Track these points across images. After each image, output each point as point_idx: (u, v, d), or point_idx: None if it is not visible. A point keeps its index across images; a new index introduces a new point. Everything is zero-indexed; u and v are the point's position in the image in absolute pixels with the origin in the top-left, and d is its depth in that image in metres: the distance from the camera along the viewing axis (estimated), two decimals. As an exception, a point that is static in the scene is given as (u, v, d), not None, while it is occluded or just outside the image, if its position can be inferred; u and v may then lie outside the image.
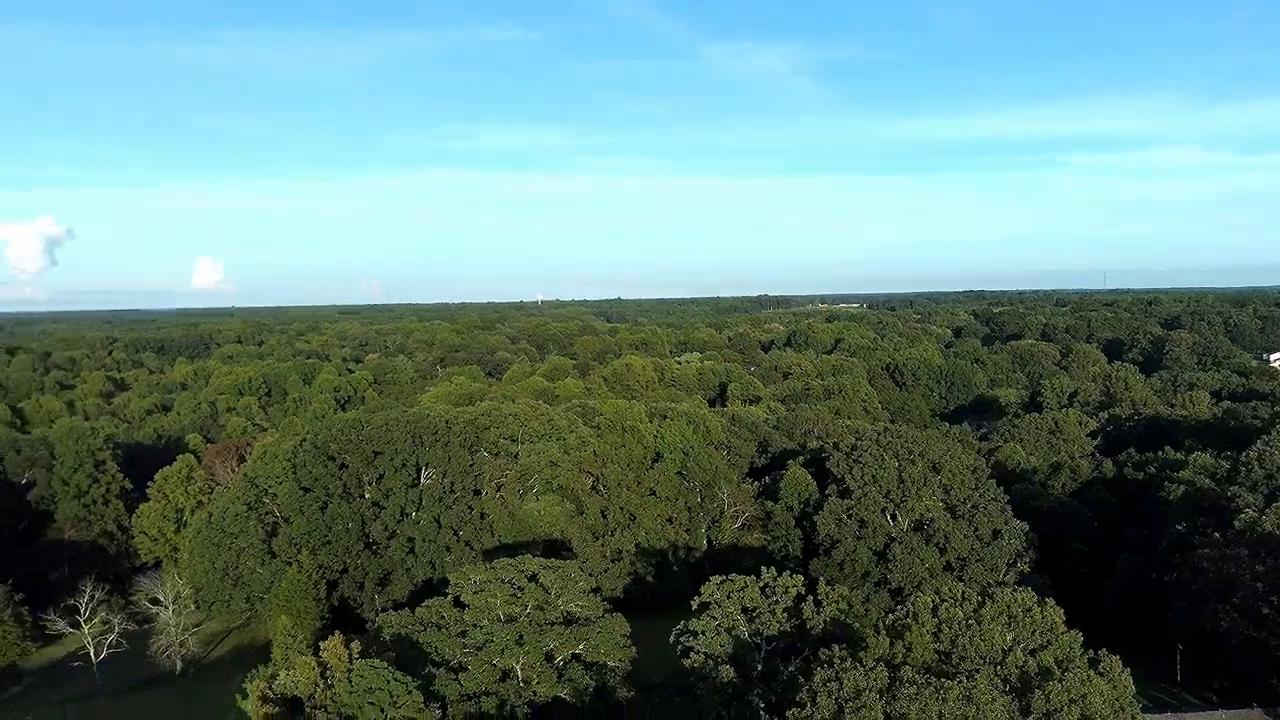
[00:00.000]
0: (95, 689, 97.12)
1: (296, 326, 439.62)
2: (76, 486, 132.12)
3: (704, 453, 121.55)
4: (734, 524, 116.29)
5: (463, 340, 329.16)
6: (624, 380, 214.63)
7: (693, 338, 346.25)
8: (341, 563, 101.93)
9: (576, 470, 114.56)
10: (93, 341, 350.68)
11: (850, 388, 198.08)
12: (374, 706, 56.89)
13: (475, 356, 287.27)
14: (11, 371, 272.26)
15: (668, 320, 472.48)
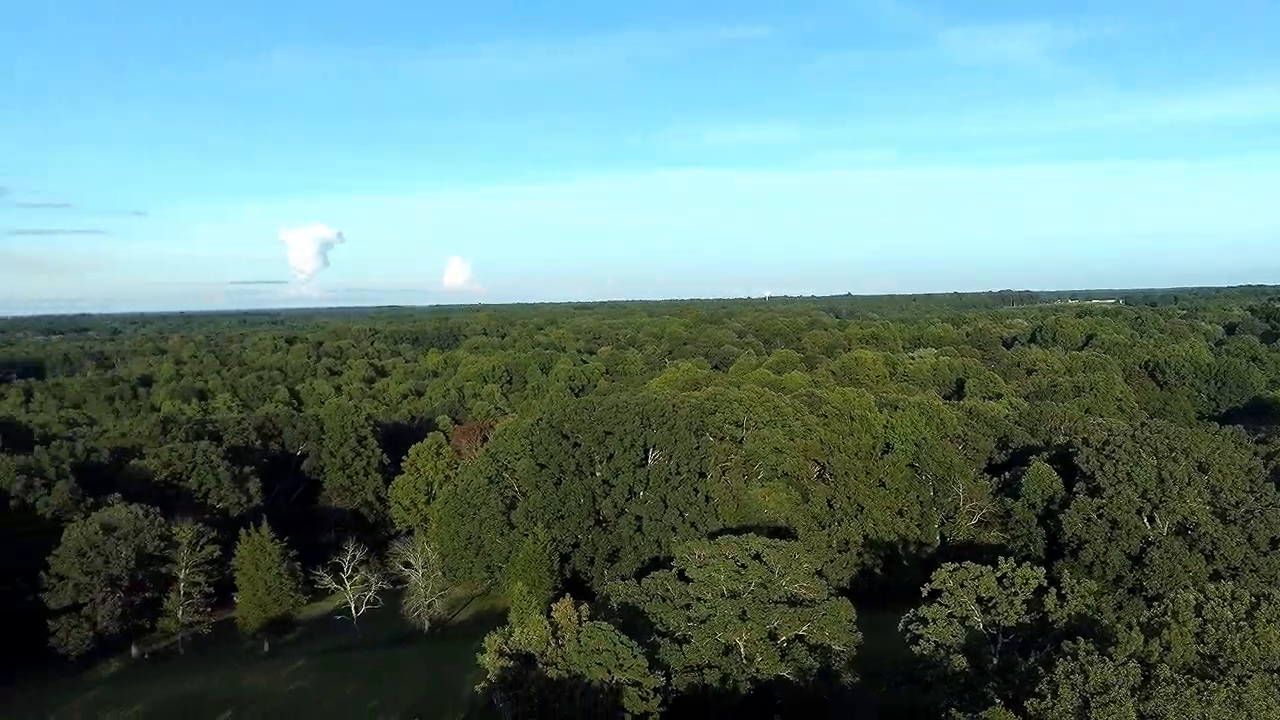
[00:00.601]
0: (355, 641, 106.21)
1: (536, 321, 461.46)
2: (342, 459, 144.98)
3: (938, 445, 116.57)
4: (969, 520, 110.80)
5: (690, 334, 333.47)
6: (853, 374, 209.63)
7: (927, 333, 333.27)
8: (574, 537, 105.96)
9: (802, 458, 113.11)
10: (357, 333, 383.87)
11: (1103, 385, 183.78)
12: (601, 666, 58.63)
13: (702, 349, 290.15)
14: (290, 359, 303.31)
15: (901, 317, 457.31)
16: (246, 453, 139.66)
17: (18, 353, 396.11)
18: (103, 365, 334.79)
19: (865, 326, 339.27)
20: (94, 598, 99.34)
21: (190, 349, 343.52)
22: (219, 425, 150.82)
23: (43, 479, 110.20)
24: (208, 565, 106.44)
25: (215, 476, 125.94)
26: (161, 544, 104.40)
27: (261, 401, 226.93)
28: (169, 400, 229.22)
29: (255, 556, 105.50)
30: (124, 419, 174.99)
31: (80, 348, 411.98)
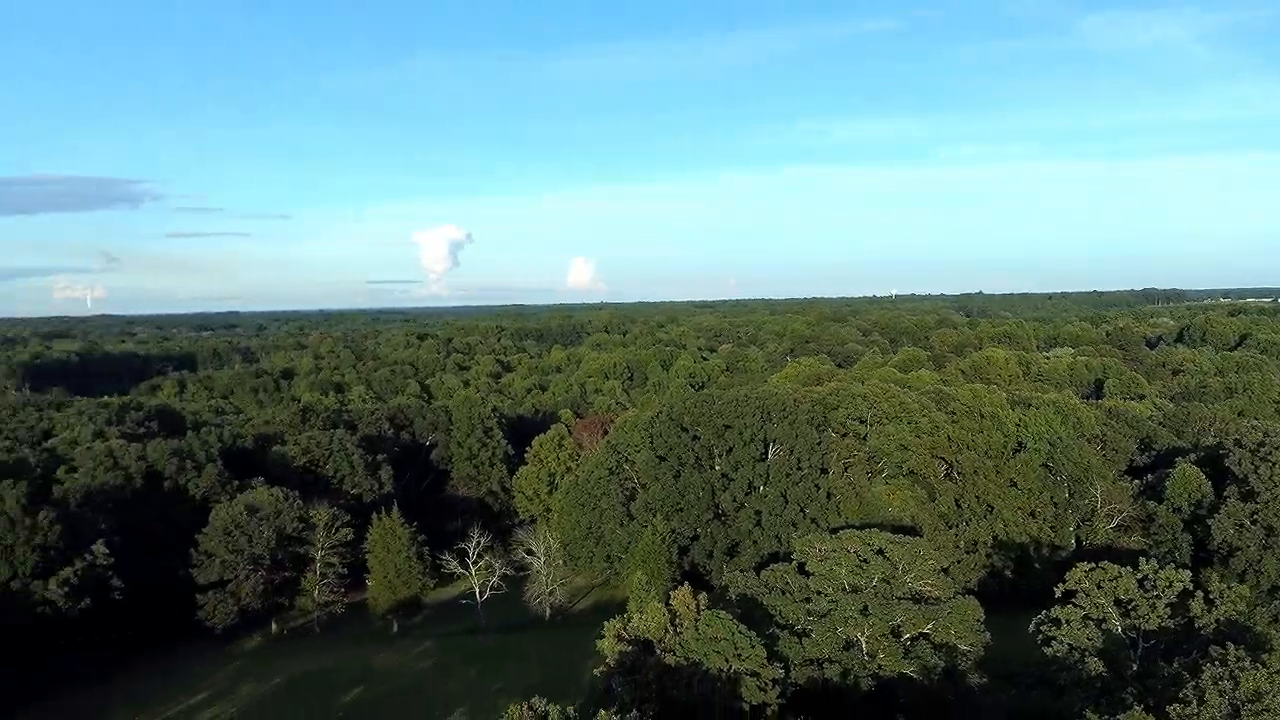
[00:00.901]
0: (478, 626, 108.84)
1: (657, 319, 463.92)
2: (469, 449, 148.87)
3: (1074, 445, 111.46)
4: (1108, 524, 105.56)
5: (813, 332, 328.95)
6: (983, 373, 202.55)
7: (1063, 332, 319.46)
8: (693, 529, 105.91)
9: (929, 455, 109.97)
10: (485, 330, 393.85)
11: (1258, 386, 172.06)
12: (719, 655, 58.36)
13: (825, 347, 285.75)
14: (421, 354, 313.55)
15: (1035, 316, 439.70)
16: (379, 441, 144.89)
17: (173, 347, 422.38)
18: (249, 359, 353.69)
19: (997, 325, 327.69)
20: (238, 575, 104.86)
21: (329, 344, 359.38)
22: (354, 415, 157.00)
23: (193, 462, 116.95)
24: (342, 547, 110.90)
25: (350, 463, 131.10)
26: (300, 525, 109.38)
27: (394, 394, 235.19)
28: (308, 392, 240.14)
29: (386, 540, 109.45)
30: (267, 408, 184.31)
31: (228, 343, 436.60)
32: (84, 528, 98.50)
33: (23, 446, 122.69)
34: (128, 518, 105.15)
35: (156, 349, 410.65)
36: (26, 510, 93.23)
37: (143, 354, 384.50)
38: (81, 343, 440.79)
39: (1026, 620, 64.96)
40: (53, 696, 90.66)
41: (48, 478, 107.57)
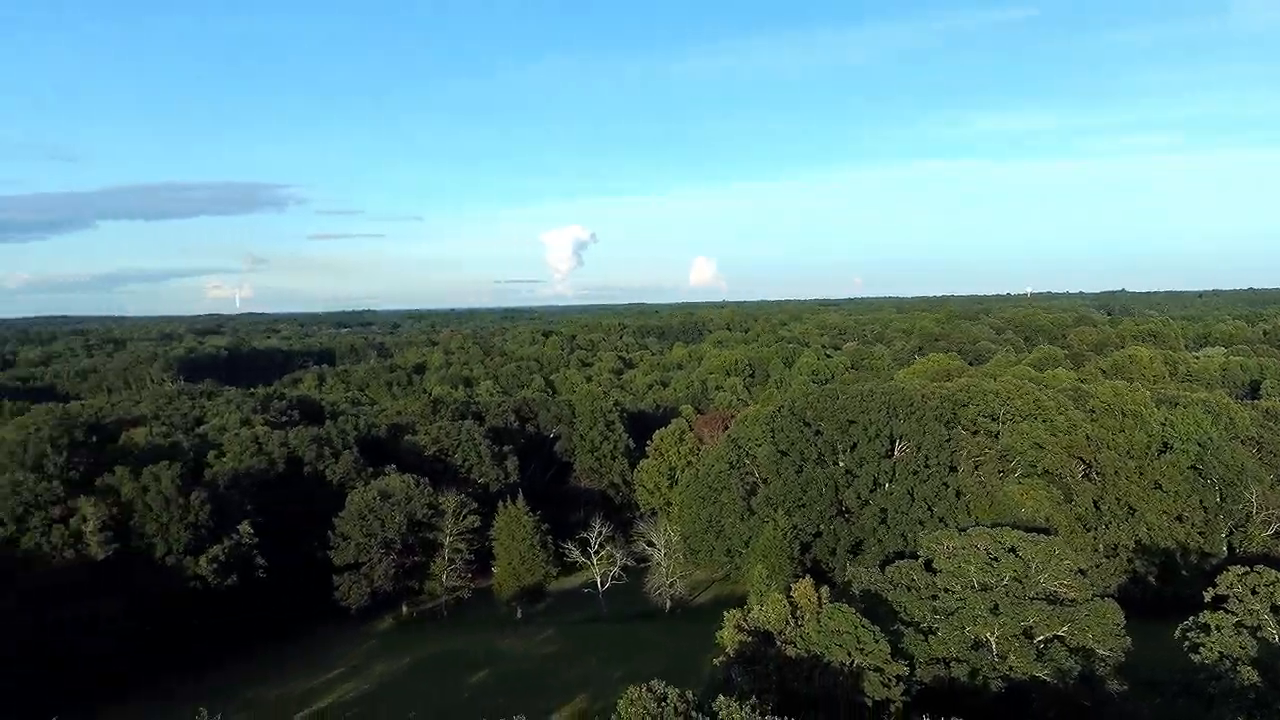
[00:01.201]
0: (599, 614, 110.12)
1: (780, 317, 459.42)
2: (591, 442, 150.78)
3: (1226, 447, 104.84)
4: (1264, 530, 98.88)
5: (943, 329, 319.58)
6: (1125, 372, 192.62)
7: (1215, 331, 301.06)
8: (815, 526, 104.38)
9: (1065, 454, 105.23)
10: (607, 328, 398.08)
11: None
12: (840, 648, 57.28)
13: (955, 345, 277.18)
14: (546, 350, 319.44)
15: (1184, 314, 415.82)
16: (505, 433, 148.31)
17: (313, 343, 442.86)
18: (383, 355, 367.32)
19: (1141, 323, 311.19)
20: (371, 557, 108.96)
21: (458, 341, 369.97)
22: (481, 407, 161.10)
23: (331, 449, 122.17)
24: (469, 534, 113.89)
25: (477, 453, 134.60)
26: (429, 512, 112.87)
27: (519, 388, 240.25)
28: (439, 386, 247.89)
29: (511, 528, 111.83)
30: (400, 400, 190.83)
31: (364, 339, 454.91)
32: (231, 509, 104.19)
33: (177, 432, 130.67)
34: (270, 500, 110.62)
35: (298, 345, 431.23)
36: (180, 490, 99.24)
37: (286, 349, 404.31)
38: (230, 339, 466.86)
39: (1171, 628, 61.53)
40: (201, 668, 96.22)
41: (199, 461, 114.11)
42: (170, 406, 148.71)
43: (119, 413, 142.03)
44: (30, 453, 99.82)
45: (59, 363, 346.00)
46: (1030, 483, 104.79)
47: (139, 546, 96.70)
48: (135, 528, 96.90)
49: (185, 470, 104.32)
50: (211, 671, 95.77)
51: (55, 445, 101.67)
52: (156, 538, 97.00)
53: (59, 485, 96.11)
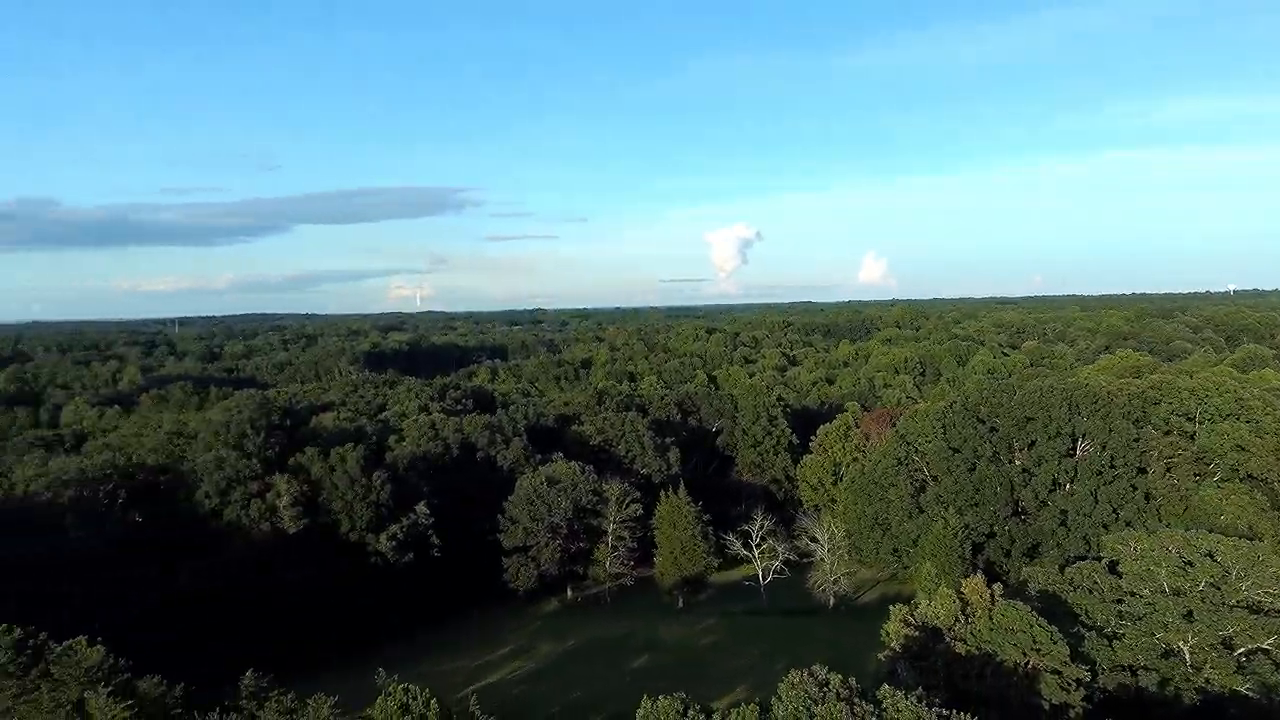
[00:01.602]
0: (761, 607, 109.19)
1: (953, 314, 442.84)
2: (754, 437, 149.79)
3: None
4: None
5: (1132, 328, 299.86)
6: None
7: None
8: (988, 526, 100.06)
9: (1273, 457, 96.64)
10: (771, 325, 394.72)
11: None
12: (1015, 647, 54.57)
13: (1146, 345, 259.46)
14: (709, 347, 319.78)
15: None
16: (668, 425, 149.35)
17: (487, 339, 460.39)
18: (552, 350, 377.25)
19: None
20: (538, 541, 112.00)
21: (623, 337, 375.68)
22: (645, 400, 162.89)
23: (502, 436, 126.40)
24: (631, 522, 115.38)
25: (640, 444, 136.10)
26: (594, 499, 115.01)
27: (683, 384, 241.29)
28: (604, 380, 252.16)
29: (672, 517, 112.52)
30: (566, 393, 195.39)
31: (535, 336, 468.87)
32: (409, 490, 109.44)
33: (361, 417, 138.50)
34: (445, 483, 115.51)
35: (473, 341, 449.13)
36: (363, 471, 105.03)
37: (462, 345, 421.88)
38: (411, 335, 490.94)
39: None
40: (379, 641, 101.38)
41: (381, 445, 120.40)
42: (355, 394, 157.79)
43: (310, 399, 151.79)
44: (233, 432, 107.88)
45: (259, 356, 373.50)
46: (1231, 487, 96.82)
47: (326, 522, 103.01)
48: (323, 504, 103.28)
49: (368, 452, 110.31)
50: (388, 644, 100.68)
51: (254, 426, 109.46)
52: (342, 514, 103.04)
53: (257, 463, 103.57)
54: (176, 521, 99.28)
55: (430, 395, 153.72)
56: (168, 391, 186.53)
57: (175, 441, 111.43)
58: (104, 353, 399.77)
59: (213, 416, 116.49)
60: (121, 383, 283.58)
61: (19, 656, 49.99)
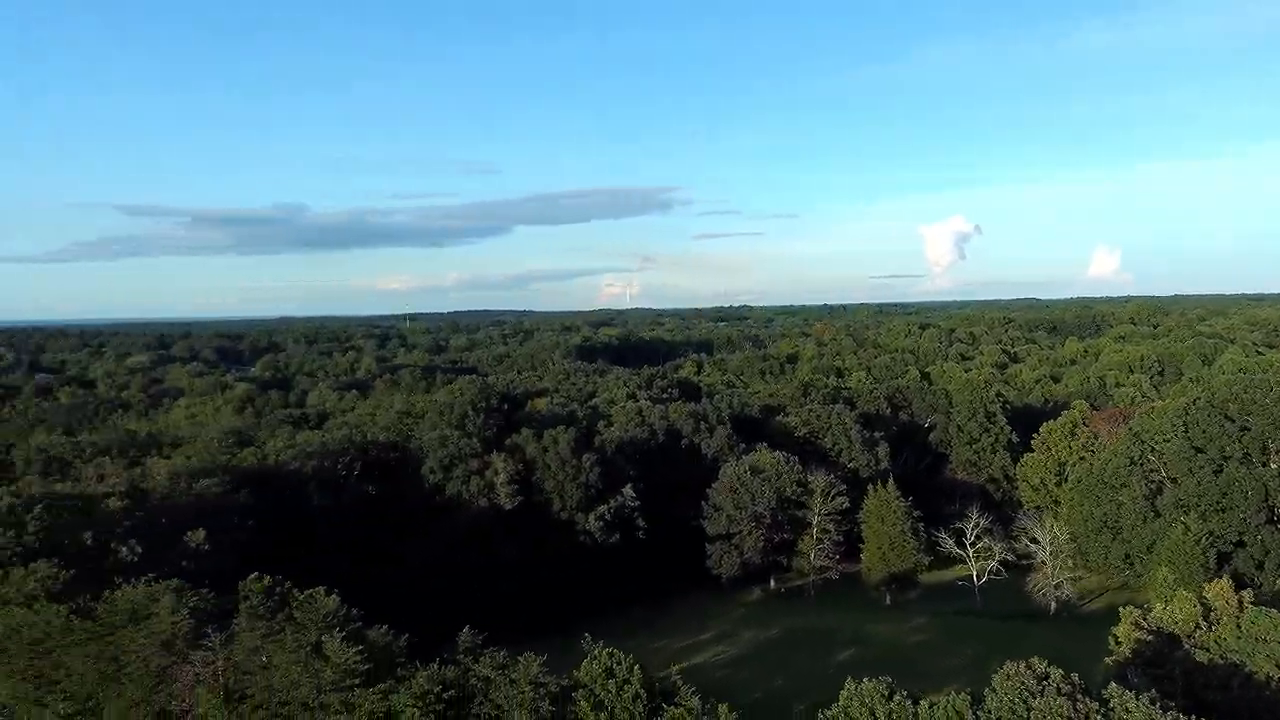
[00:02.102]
0: (974, 608, 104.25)
1: (1197, 311, 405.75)
2: (969, 434, 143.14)
3: None
4: None
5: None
6: None
7: None
8: (1237, 534, 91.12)
9: None
10: (991, 321, 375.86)
11: None
12: (1268, 659, 49.23)
13: None
14: (922, 343, 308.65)
15: None
16: (877, 419, 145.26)
17: (693, 334, 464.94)
18: (757, 346, 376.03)
19: None
20: (741, 529, 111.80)
21: (831, 333, 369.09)
22: (853, 393, 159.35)
23: (707, 424, 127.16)
24: (837, 515, 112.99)
25: (847, 437, 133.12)
26: (798, 489, 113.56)
27: (893, 380, 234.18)
28: (811, 375, 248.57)
29: (881, 511, 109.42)
30: (771, 386, 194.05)
31: (740, 332, 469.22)
32: (616, 472, 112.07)
33: (572, 403, 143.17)
34: (650, 468, 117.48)
35: (680, 336, 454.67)
36: (574, 452, 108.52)
37: (669, 340, 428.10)
38: (620, 330, 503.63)
39: None
40: (585, 618, 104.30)
41: (590, 429, 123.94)
42: (568, 382, 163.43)
43: (525, 386, 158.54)
44: (455, 413, 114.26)
45: (480, 349, 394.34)
46: None
47: (539, 500, 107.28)
48: (536, 483, 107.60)
49: (578, 435, 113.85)
50: (593, 621, 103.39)
51: (475, 408, 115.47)
52: (553, 493, 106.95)
53: (477, 442, 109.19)
54: (404, 494, 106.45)
55: (638, 384, 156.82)
56: (399, 377, 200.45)
57: (404, 421, 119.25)
58: (344, 344, 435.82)
59: (438, 398, 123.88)
60: (359, 371, 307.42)
61: (268, 601, 55.08)
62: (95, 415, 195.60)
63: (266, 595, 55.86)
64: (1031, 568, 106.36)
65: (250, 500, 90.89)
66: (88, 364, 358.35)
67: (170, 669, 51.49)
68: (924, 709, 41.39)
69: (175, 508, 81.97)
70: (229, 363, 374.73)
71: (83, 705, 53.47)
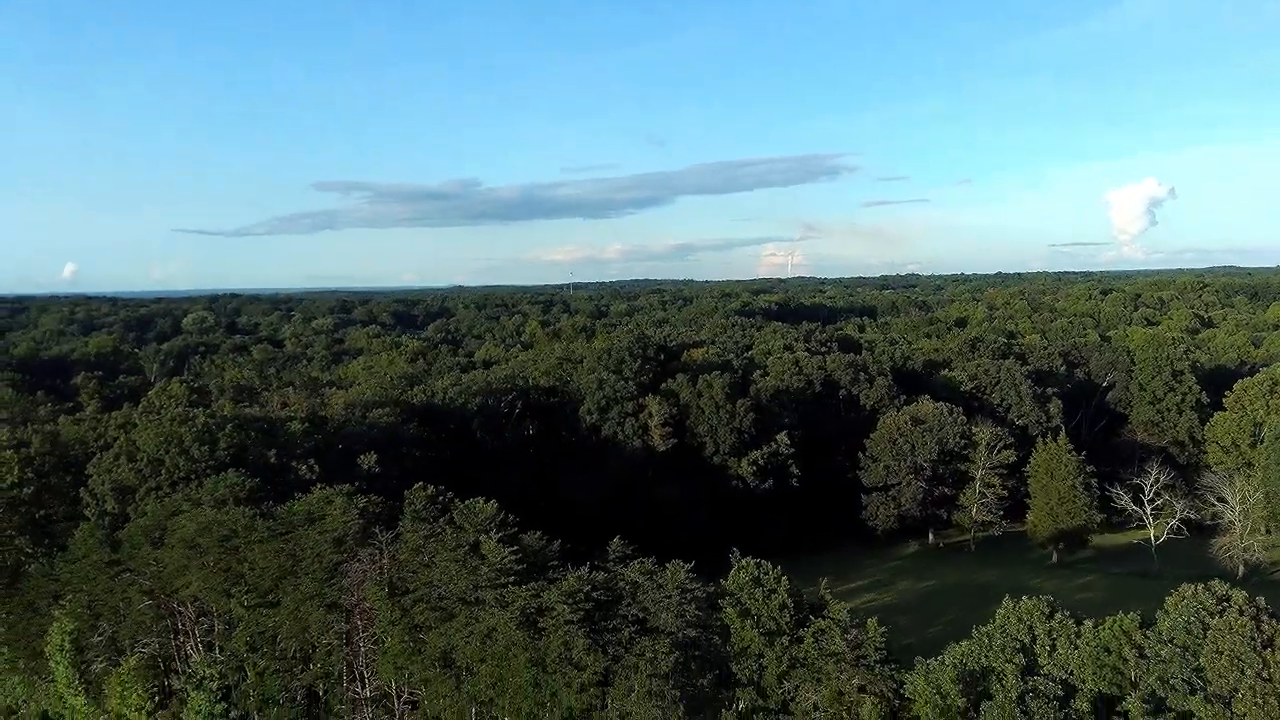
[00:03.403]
0: (1151, 570, 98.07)
1: None
2: (1152, 393, 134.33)
3: None
4: None
5: None
6: None
7: None
8: None
9: None
10: (1182, 285, 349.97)
11: None
12: None
13: None
14: (1104, 307, 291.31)
15: None
16: (1049, 377, 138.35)
17: (856, 300, 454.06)
18: (923, 310, 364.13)
19: None
20: (899, 481, 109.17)
21: (1004, 298, 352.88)
22: (1024, 349, 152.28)
23: (866, 375, 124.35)
24: (1002, 469, 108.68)
25: (1017, 393, 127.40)
26: (961, 441, 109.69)
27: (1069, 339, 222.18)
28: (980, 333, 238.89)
29: (1050, 465, 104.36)
30: (935, 342, 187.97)
31: (907, 298, 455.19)
32: (771, 420, 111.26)
33: (728, 354, 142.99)
34: (806, 418, 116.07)
35: (842, 302, 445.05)
36: (728, 397, 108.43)
37: (830, 306, 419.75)
38: (781, 295, 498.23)
39: None
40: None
41: (746, 379, 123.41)
42: (724, 335, 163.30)
43: (682, 338, 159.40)
44: (612, 358, 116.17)
45: (640, 315, 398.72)
46: None
47: (692, 444, 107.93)
48: (689, 427, 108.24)
49: (733, 381, 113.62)
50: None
51: (631, 354, 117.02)
52: (706, 437, 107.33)
53: (633, 385, 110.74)
54: (562, 434, 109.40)
55: (795, 337, 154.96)
56: (559, 329, 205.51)
57: (564, 366, 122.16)
58: (511, 309, 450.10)
59: (597, 344, 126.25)
60: (524, 334, 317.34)
61: (431, 506, 57.95)
62: (283, 368, 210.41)
63: (430, 502, 58.76)
64: (1218, 530, 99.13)
65: (419, 432, 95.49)
66: (278, 326, 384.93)
67: (341, 565, 55.02)
68: (1087, 628, 39.39)
69: (350, 434, 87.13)
70: (404, 326, 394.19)
71: (263, 597, 57.91)
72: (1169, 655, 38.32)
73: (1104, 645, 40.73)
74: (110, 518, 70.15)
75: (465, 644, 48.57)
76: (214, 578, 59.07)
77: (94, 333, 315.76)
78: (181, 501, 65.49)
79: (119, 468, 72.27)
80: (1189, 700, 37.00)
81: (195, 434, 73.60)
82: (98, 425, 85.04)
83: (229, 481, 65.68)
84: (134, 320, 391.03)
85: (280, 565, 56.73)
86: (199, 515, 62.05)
